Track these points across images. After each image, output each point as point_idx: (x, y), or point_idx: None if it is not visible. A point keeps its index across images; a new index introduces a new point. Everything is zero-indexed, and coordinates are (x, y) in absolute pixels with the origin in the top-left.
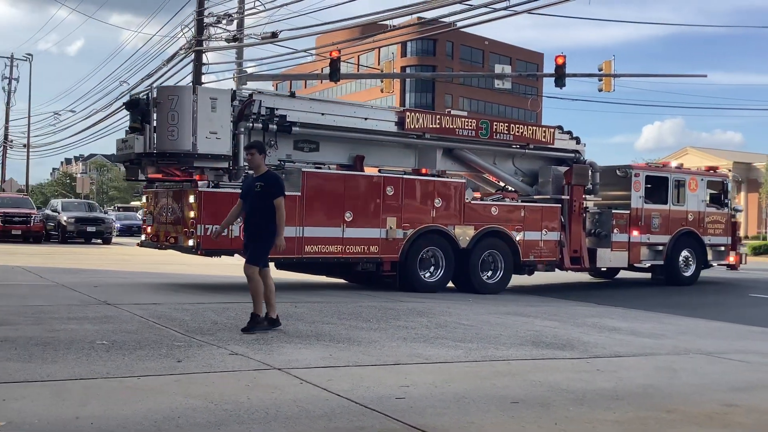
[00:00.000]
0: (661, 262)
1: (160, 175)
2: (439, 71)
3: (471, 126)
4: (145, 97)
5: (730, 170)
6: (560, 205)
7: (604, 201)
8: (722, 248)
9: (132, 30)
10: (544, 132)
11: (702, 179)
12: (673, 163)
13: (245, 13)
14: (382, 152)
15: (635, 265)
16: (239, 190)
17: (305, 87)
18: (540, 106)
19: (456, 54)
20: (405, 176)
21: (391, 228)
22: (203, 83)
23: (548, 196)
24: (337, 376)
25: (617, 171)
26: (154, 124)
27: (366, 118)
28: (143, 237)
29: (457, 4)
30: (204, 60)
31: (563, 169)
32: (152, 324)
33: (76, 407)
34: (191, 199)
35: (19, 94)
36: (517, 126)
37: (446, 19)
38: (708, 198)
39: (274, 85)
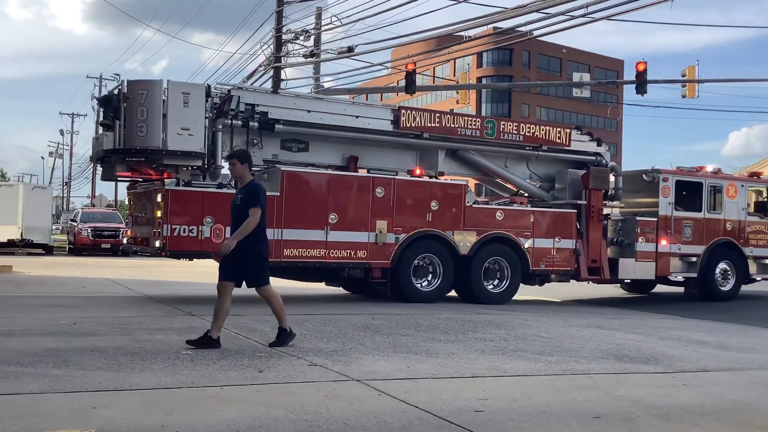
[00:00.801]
0: (695, 275)
1: (129, 174)
2: (516, 81)
3: (475, 125)
4: (117, 92)
5: None
6: (576, 211)
7: (631, 208)
8: (765, 261)
9: (213, 48)
10: (559, 133)
11: (742, 185)
12: (709, 168)
13: (322, 29)
14: (379, 153)
15: (668, 277)
16: (212, 189)
17: (381, 100)
18: (620, 114)
19: (533, 63)
20: (397, 177)
21: (380, 232)
22: None
23: (564, 201)
24: (416, 388)
25: (644, 175)
26: (124, 121)
27: (357, 116)
28: (125, 240)
29: (534, 13)
30: (282, 76)
31: (581, 172)
32: (234, 335)
33: (162, 416)
34: (158, 198)
35: None
36: (527, 126)
37: (523, 29)
38: (751, 206)
39: (351, 97)
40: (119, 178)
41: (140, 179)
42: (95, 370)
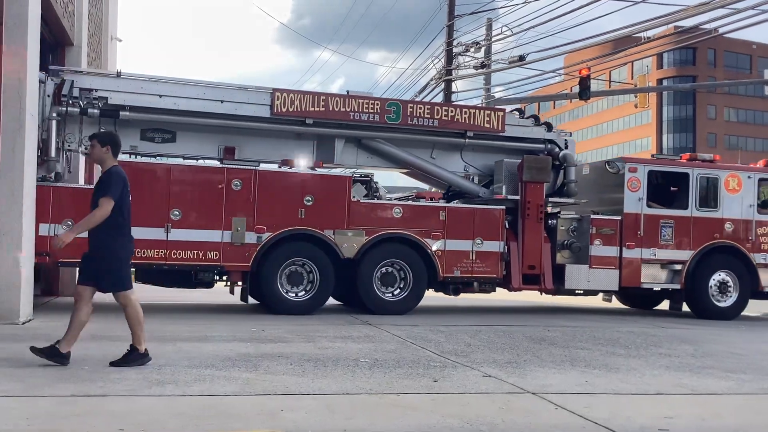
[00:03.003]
0: (678, 286)
1: None
2: (700, 81)
3: (372, 109)
4: None
5: None
6: (503, 208)
7: (602, 207)
8: None
9: (386, 66)
10: (488, 116)
11: (749, 177)
12: (701, 157)
13: (493, 39)
14: (261, 143)
15: (642, 286)
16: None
17: (554, 107)
18: None
19: (719, 61)
20: (259, 168)
21: (238, 230)
22: None
23: (498, 197)
24: (595, 403)
25: (606, 166)
26: None
27: (222, 101)
28: None
29: (719, 9)
30: (453, 88)
31: (519, 162)
32: (409, 344)
33: (344, 420)
34: None
35: None
36: (445, 109)
37: (707, 26)
38: (761, 202)
39: (525, 106)
40: None
41: None
42: (282, 374)
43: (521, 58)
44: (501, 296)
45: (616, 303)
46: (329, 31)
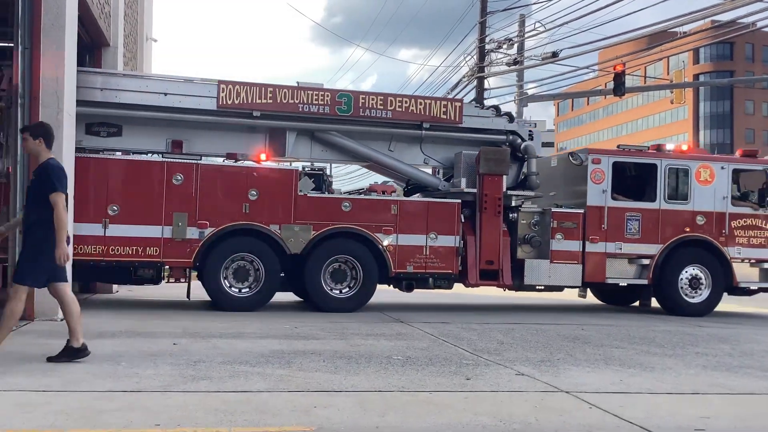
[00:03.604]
0: (645, 281)
1: None
2: (738, 76)
3: (322, 101)
4: None
5: None
6: (459, 201)
7: (569, 200)
8: (766, 265)
9: (418, 63)
10: (445, 107)
11: (723, 167)
12: (670, 147)
13: (525, 35)
14: (210, 137)
15: (607, 282)
16: None
17: (588, 104)
18: None
19: (757, 56)
20: (200, 162)
21: (179, 225)
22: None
23: (457, 190)
24: (630, 402)
25: (570, 157)
26: None
27: (165, 94)
28: None
29: (757, 3)
30: (485, 85)
31: (476, 154)
32: (442, 342)
33: (376, 417)
34: None
35: None
36: (399, 100)
37: (745, 20)
38: (736, 194)
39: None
40: None
41: None
42: (314, 371)
43: (554, 54)
44: (534, 294)
45: (591, 298)
46: (361, 29)
